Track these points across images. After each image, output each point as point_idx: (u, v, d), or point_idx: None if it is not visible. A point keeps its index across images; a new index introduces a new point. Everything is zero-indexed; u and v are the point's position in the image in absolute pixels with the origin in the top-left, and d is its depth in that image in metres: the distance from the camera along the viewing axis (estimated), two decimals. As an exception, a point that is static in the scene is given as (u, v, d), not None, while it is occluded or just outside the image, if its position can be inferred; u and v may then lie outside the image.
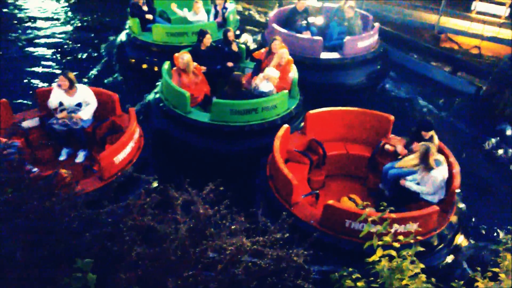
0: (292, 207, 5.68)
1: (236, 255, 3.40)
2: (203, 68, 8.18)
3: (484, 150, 8.99)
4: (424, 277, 3.41)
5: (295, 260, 3.50)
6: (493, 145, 9.08)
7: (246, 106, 7.06)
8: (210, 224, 3.58)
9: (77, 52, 12.09)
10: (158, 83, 8.35)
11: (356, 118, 7.11)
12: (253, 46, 11.03)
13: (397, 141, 6.87)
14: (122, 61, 10.82)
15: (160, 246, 3.35)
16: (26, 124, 6.85)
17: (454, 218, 5.85)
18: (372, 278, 3.50)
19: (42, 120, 6.93)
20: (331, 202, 5.31)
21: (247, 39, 11.11)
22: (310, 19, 10.63)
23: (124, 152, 6.15)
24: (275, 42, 8.21)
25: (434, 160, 5.80)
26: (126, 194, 5.59)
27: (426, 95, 10.70)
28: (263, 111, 7.18)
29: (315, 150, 6.94)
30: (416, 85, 11.08)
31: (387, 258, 3.45)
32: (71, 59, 11.71)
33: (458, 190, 5.85)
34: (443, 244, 5.63)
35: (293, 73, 7.96)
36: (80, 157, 6.85)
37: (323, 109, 7.07)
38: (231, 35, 8.63)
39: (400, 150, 6.49)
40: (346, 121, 7.13)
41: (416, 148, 6.09)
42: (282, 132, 6.44)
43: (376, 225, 4.33)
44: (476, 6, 12.48)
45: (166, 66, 7.96)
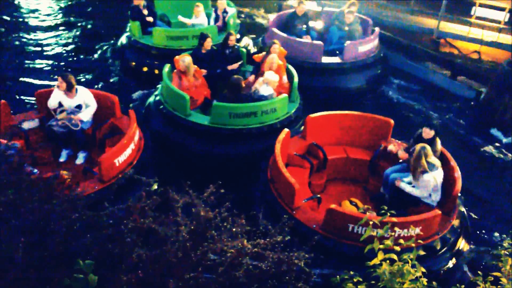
0: (294, 211, 5.67)
1: (237, 258, 3.38)
2: (204, 71, 8.19)
3: (483, 154, 9.00)
4: (425, 281, 3.40)
5: (296, 263, 3.49)
6: (492, 149, 9.09)
7: (245, 109, 7.06)
8: (210, 227, 3.56)
9: (77, 54, 12.10)
10: (159, 86, 8.35)
11: (356, 122, 7.11)
12: (253, 50, 11.04)
13: (397, 145, 6.86)
14: (123, 64, 10.85)
15: (160, 248, 3.33)
16: (26, 125, 6.85)
17: (456, 222, 5.86)
18: (373, 282, 3.50)
19: (42, 122, 6.94)
20: (333, 207, 5.29)
21: (248, 43, 11.12)
22: (309, 24, 10.66)
23: (124, 154, 6.16)
24: (274, 46, 8.20)
25: (429, 163, 5.76)
26: (126, 196, 5.59)
27: (425, 100, 10.72)
28: (262, 114, 7.18)
29: (315, 154, 6.94)
30: (415, 89, 11.10)
31: (388, 261, 3.45)
32: (71, 61, 11.72)
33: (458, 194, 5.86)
34: (446, 248, 5.63)
35: (286, 77, 7.97)
36: (80, 158, 6.85)
37: (323, 113, 7.07)
38: (232, 39, 8.63)
39: (400, 155, 6.49)
40: (346, 125, 7.14)
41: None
42: (282, 136, 6.43)
43: (378, 228, 4.32)
44: (476, 11, 12.49)
45: (167, 69, 7.98)
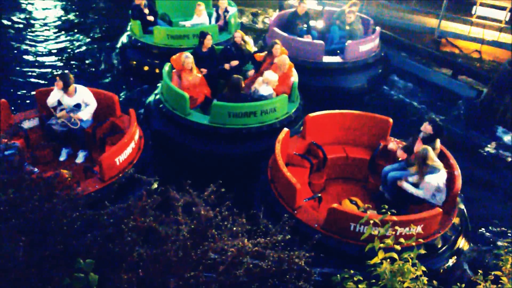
0: (296, 211, 5.67)
1: (237, 257, 3.38)
2: (204, 70, 8.19)
3: (484, 154, 8.99)
4: (425, 279, 3.41)
5: (297, 262, 3.50)
6: (493, 149, 9.09)
7: (245, 109, 7.06)
8: (211, 226, 3.56)
9: (78, 53, 12.09)
10: (159, 85, 8.36)
11: (355, 121, 7.11)
12: (254, 49, 11.02)
13: (396, 143, 6.87)
14: (123, 63, 10.84)
15: (161, 247, 3.34)
16: (26, 124, 6.86)
17: (456, 220, 5.87)
18: (374, 281, 3.50)
19: (42, 121, 6.94)
20: (335, 206, 5.28)
21: (249, 42, 11.09)
22: (310, 23, 10.66)
23: (124, 153, 6.15)
24: (276, 46, 8.18)
25: (431, 165, 5.74)
26: (127, 195, 5.60)
27: (426, 99, 10.71)
28: (262, 114, 7.18)
29: (314, 153, 6.93)
30: (416, 89, 11.07)
31: (389, 260, 3.45)
32: (72, 60, 11.72)
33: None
34: (446, 246, 5.63)
35: (294, 77, 7.96)
36: (80, 157, 6.86)
37: (322, 112, 7.06)
38: (238, 35, 8.68)
39: (399, 154, 6.48)
40: (345, 124, 7.13)
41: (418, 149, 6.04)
42: (282, 136, 6.43)
43: (378, 227, 4.31)
44: (477, 10, 12.48)
45: (167, 68, 7.97)
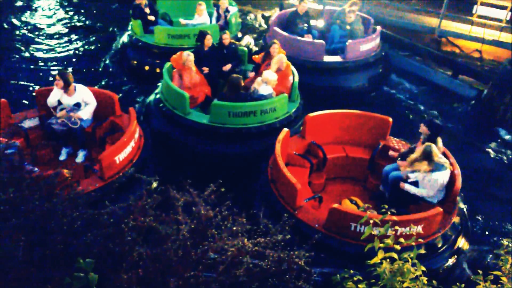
0: (296, 211, 5.67)
1: (237, 257, 3.39)
2: (206, 69, 8.18)
3: (484, 153, 8.99)
4: (425, 279, 3.41)
5: (297, 262, 3.50)
6: (493, 148, 9.08)
7: (245, 108, 7.06)
8: (211, 225, 3.57)
9: (78, 52, 12.09)
10: (159, 84, 8.36)
11: (354, 120, 7.10)
12: (255, 49, 11.04)
13: (396, 142, 6.90)
14: (124, 62, 10.85)
15: (161, 247, 3.34)
16: (26, 124, 6.86)
17: (456, 219, 5.87)
18: (374, 280, 3.50)
19: (42, 120, 6.94)
20: (336, 206, 5.28)
21: (249, 42, 11.12)
22: (311, 23, 10.65)
23: (124, 152, 6.16)
24: (274, 46, 8.18)
25: (437, 162, 5.74)
26: (127, 195, 5.59)
27: (427, 98, 10.71)
28: (262, 114, 7.18)
29: (314, 153, 6.93)
30: (417, 88, 11.08)
31: (389, 260, 3.45)
32: (72, 60, 11.72)
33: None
34: (446, 246, 5.63)
35: (292, 77, 7.96)
36: (80, 157, 6.85)
37: (322, 112, 7.05)
38: (225, 37, 8.52)
39: (399, 163, 6.39)
40: (345, 123, 7.12)
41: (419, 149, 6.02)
42: (282, 136, 6.42)
43: (379, 227, 4.31)
44: (477, 9, 12.46)
45: (167, 67, 7.97)
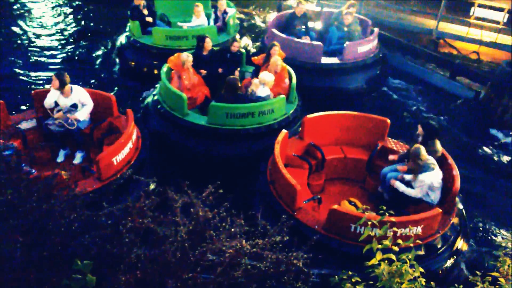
0: (296, 212, 5.66)
1: (235, 258, 3.38)
2: (204, 71, 8.19)
3: (482, 155, 9.00)
4: (423, 281, 3.40)
5: (295, 263, 3.49)
6: (491, 149, 9.10)
7: (243, 110, 7.07)
8: (209, 227, 3.56)
9: (76, 54, 12.08)
10: (157, 85, 8.35)
11: (352, 121, 7.12)
12: (253, 50, 11.05)
13: (393, 144, 6.92)
14: (122, 63, 10.84)
15: (159, 248, 3.33)
16: (23, 125, 6.85)
17: (455, 220, 5.88)
18: (372, 282, 3.50)
19: (39, 121, 6.92)
20: (336, 207, 5.29)
21: (247, 43, 11.12)
22: (309, 24, 10.66)
23: (122, 153, 6.15)
24: (274, 48, 8.19)
25: (424, 163, 5.75)
26: (125, 196, 5.58)
27: (424, 100, 10.73)
28: (260, 115, 7.19)
29: (313, 154, 6.94)
30: (414, 89, 11.11)
31: (387, 261, 3.45)
32: (70, 61, 11.70)
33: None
34: (446, 246, 5.64)
35: (288, 79, 7.97)
36: (78, 158, 6.85)
37: (320, 113, 7.06)
38: (236, 45, 8.67)
39: (400, 169, 6.40)
40: (343, 125, 7.14)
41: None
42: (281, 137, 6.43)
43: (377, 228, 4.31)
44: (475, 11, 12.52)
45: (165, 68, 7.97)
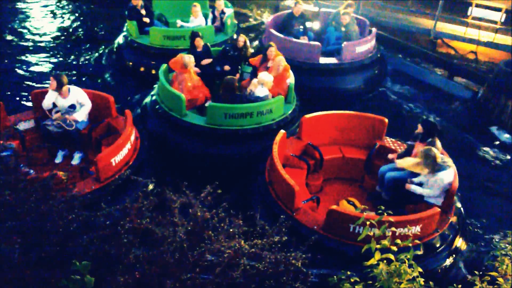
0: (294, 213, 5.66)
1: (234, 258, 3.38)
2: (196, 69, 8.18)
3: (480, 154, 9.02)
4: (422, 280, 3.41)
5: (293, 264, 3.49)
6: (489, 149, 9.11)
7: (241, 110, 7.06)
8: (208, 227, 3.57)
9: (74, 54, 12.05)
10: (155, 86, 8.34)
11: (350, 121, 7.12)
12: (250, 51, 11.02)
13: (391, 143, 6.93)
14: (120, 63, 10.82)
15: (157, 249, 3.33)
16: (22, 126, 6.83)
17: (454, 219, 5.89)
18: (370, 282, 3.50)
19: (37, 122, 6.91)
20: (335, 207, 5.29)
21: (249, 48, 11.09)
22: (307, 24, 10.66)
23: (120, 154, 6.14)
24: (271, 48, 8.19)
25: (441, 163, 5.72)
26: (123, 197, 5.58)
27: (422, 100, 10.73)
28: (258, 115, 7.19)
29: (311, 154, 6.94)
30: (412, 89, 11.10)
31: (385, 261, 3.45)
32: (68, 61, 11.67)
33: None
34: (445, 245, 5.65)
35: (289, 79, 7.97)
36: (76, 159, 6.84)
37: (318, 113, 7.06)
38: (241, 40, 8.76)
39: (398, 163, 6.42)
40: (341, 124, 7.14)
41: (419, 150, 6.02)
42: (279, 137, 6.43)
43: (377, 228, 4.31)
44: (472, 11, 12.53)
45: (163, 68, 7.96)
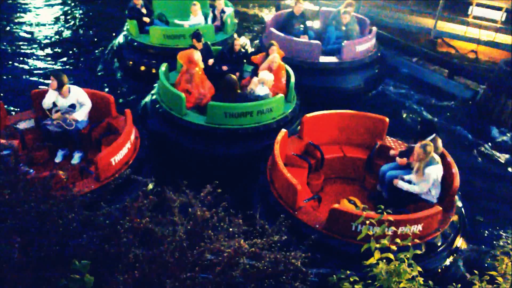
0: (296, 212, 5.67)
1: (233, 258, 3.39)
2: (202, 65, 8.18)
3: (480, 154, 9.01)
4: (421, 280, 3.41)
5: (293, 263, 3.50)
6: (489, 149, 9.11)
7: (241, 109, 7.06)
8: (207, 227, 3.57)
9: (74, 53, 12.06)
10: (155, 85, 8.34)
11: (351, 120, 7.12)
12: (251, 50, 11.04)
13: (392, 142, 6.92)
14: (120, 62, 10.82)
15: (157, 248, 3.34)
16: (21, 125, 6.84)
17: (455, 218, 5.90)
18: (370, 281, 3.50)
19: (37, 122, 6.91)
20: (337, 206, 5.30)
21: (245, 43, 11.10)
22: (307, 23, 10.66)
23: (120, 154, 6.15)
24: (272, 47, 8.18)
25: (431, 157, 5.74)
26: (123, 196, 5.58)
27: (422, 99, 10.72)
28: (258, 114, 7.18)
29: (312, 153, 6.93)
30: (413, 89, 11.09)
31: (385, 261, 3.45)
32: (68, 61, 11.68)
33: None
34: (446, 244, 5.65)
35: (285, 78, 7.95)
36: (76, 158, 6.84)
37: (319, 112, 7.06)
38: (237, 44, 8.71)
39: (398, 161, 6.45)
40: (342, 124, 7.14)
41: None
42: (281, 137, 6.43)
43: (378, 227, 4.30)
44: (473, 10, 12.51)
45: (163, 68, 7.96)
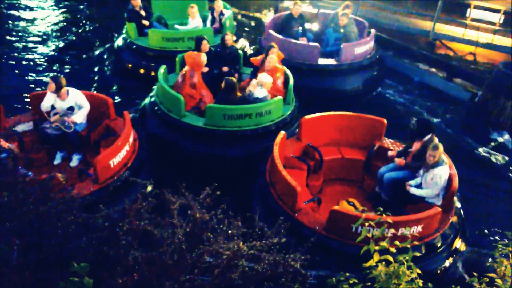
0: (296, 214, 5.66)
1: (232, 260, 3.38)
2: (206, 69, 8.19)
3: (479, 156, 9.02)
4: (420, 282, 3.40)
5: (292, 265, 3.49)
6: (487, 151, 9.12)
7: (240, 111, 7.07)
8: (206, 229, 3.56)
9: (73, 56, 12.05)
10: (154, 87, 8.34)
11: (350, 122, 7.13)
12: (250, 52, 11.05)
13: (390, 144, 6.94)
14: (119, 65, 10.82)
15: (156, 251, 3.33)
16: (20, 128, 6.83)
17: (454, 219, 5.90)
18: (369, 283, 3.49)
19: (36, 124, 6.91)
20: (337, 208, 5.31)
21: (244, 45, 11.12)
22: (305, 26, 10.67)
23: (119, 156, 6.14)
24: (273, 49, 8.17)
25: (440, 158, 5.70)
26: (122, 198, 5.57)
27: (421, 101, 10.74)
28: (257, 116, 7.19)
29: (311, 155, 6.94)
30: (411, 91, 11.12)
31: (384, 263, 3.44)
32: (67, 63, 11.67)
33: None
34: (445, 245, 5.66)
35: (281, 80, 7.97)
36: (74, 161, 6.84)
37: (318, 114, 7.08)
38: (228, 39, 8.65)
39: (397, 161, 6.46)
40: (340, 125, 7.16)
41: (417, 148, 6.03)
42: (280, 138, 6.43)
43: (378, 228, 4.30)
44: (471, 12, 12.55)
45: (162, 70, 7.97)
